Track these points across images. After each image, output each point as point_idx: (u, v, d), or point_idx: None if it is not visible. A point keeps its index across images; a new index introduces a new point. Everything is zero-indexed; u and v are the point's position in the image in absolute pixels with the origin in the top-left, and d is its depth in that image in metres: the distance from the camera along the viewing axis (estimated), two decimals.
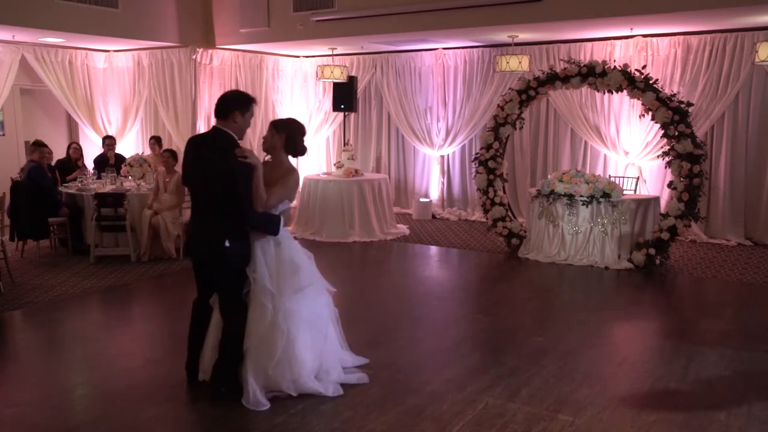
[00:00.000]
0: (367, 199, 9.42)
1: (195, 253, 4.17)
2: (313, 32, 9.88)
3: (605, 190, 7.64)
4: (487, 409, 4.01)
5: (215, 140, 4.00)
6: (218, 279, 4.06)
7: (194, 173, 4.04)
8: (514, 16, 8.43)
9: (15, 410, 4.03)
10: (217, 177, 3.90)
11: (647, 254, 7.46)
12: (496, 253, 8.52)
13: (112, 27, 9.50)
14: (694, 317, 6.01)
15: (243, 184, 3.85)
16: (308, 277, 4.12)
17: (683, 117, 7.31)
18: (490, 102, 10.46)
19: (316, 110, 12.49)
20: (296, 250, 4.17)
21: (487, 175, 8.45)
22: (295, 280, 4.04)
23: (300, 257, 4.15)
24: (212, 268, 4.05)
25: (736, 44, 8.74)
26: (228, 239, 3.92)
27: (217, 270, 4.02)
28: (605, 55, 9.44)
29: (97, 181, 8.73)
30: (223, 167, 3.87)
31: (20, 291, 6.65)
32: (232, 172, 3.83)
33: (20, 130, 10.74)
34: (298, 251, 4.18)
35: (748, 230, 9.11)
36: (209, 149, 4.00)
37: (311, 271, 4.21)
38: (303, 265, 4.12)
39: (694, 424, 3.83)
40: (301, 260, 4.15)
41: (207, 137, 4.14)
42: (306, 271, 4.13)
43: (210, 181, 3.95)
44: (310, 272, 4.19)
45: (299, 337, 4.03)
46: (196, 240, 4.13)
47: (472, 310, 6.27)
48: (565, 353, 4.94)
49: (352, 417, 3.89)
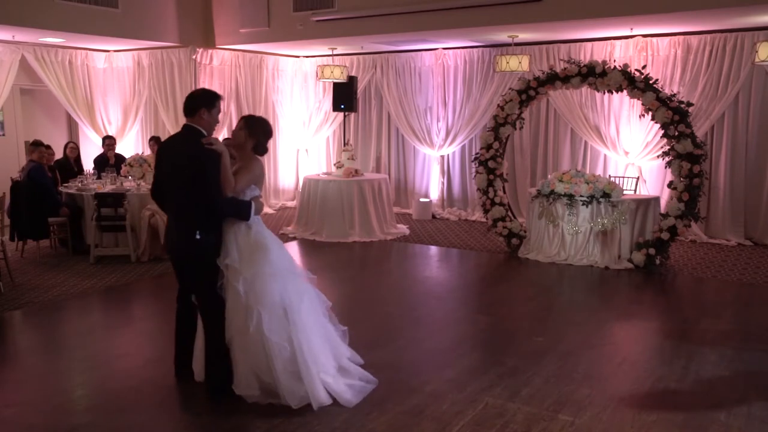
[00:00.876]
0: (367, 199, 9.42)
1: (169, 248, 4.29)
2: (313, 32, 9.88)
3: (605, 190, 7.65)
4: (487, 409, 4.01)
5: (185, 136, 4.13)
6: (191, 272, 4.13)
7: (165, 170, 4.19)
8: (514, 16, 8.43)
9: (15, 410, 4.03)
10: (185, 167, 4.00)
11: (647, 254, 7.46)
12: (496, 253, 8.52)
13: (112, 27, 9.51)
14: (694, 317, 6.01)
15: (211, 171, 3.96)
16: (278, 259, 4.10)
17: (683, 117, 7.31)
18: (490, 102, 10.46)
19: (316, 110, 12.50)
20: (266, 235, 4.16)
21: (487, 175, 8.45)
22: (266, 263, 4.02)
23: (270, 241, 4.14)
24: (185, 261, 4.14)
25: (736, 44, 8.74)
26: (199, 231, 3.98)
27: (189, 263, 4.10)
28: (605, 55, 9.44)
29: (97, 181, 8.72)
30: (191, 156, 3.98)
31: (20, 291, 6.65)
32: (199, 159, 3.94)
33: (20, 130, 10.75)
34: (268, 236, 4.17)
35: (748, 230, 9.11)
36: (179, 144, 4.16)
37: (282, 255, 4.18)
38: (273, 249, 4.10)
39: (694, 424, 3.83)
40: (272, 244, 4.13)
41: (177, 135, 4.28)
42: (276, 253, 4.11)
43: (179, 172, 4.04)
44: (281, 256, 4.16)
45: (270, 320, 3.96)
46: (169, 234, 4.25)
47: (472, 310, 6.27)
48: (565, 353, 4.94)
49: (352, 417, 3.89)
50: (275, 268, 4.05)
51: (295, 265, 4.29)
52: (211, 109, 4.12)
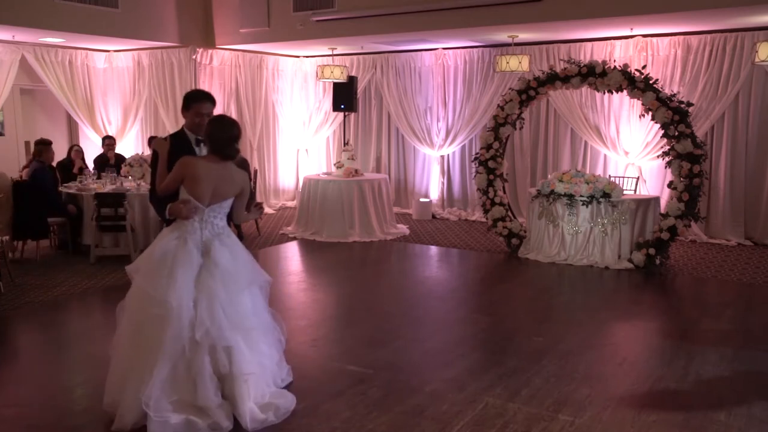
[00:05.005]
0: (367, 199, 9.42)
1: None
2: (313, 32, 9.88)
3: (605, 190, 7.65)
4: (487, 409, 4.01)
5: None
6: None
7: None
8: (514, 16, 8.43)
9: (15, 410, 4.03)
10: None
11: (647, 254, 7.46)
12: (496, 253, 8.52)
13: (112, 27, 9.51)
14: (694, 317, 6.01)
15: (152, 171, 4.12)
16: (153, 281, 3.76)
17: (683, 117, 7.31)
18: (490, 102, 10.46)
19: (316, 110, 12.50)
20: (165, 238, 3.89)
21: (487, 175, 8.45)
22: (146, 279, 3.82)
23: (164, 244, 3.85)
24: None
25: (736, 44, 8.74)
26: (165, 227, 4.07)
27: None
28: (605, 55, 9.44)
29: (97, 181, 8.72)
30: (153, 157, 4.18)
31: (20, 291, 6.64)
32: (154, 160, 4.11)
33: (20, 130, 10.75)
34: (166, 239, 3.88)
35: (748, 230, 9.11)
36: None
37: (161, 257, 3.83)
38: (156, 251, 3.84)
39: (694, 424, 3.83)
40: (159, 247, 3.86)
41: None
42: (156, 254, 3.84)
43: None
44: (159, 257, 3.83)
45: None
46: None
47: (472, 310, 6.27)
48: (565, 353, 4.94)
49: (352, 417, 3.89)
50: (146, 290, 3.78)
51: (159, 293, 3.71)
52: (187, 110, 4.20)
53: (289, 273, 7.76)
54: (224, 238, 3.94)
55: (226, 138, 3.87)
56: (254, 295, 4.01)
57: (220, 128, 3.89)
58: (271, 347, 4.11)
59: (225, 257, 3.85)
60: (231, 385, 3.74)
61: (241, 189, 3.98)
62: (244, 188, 4.00)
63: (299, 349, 5.04)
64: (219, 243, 3.88)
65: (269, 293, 4.19)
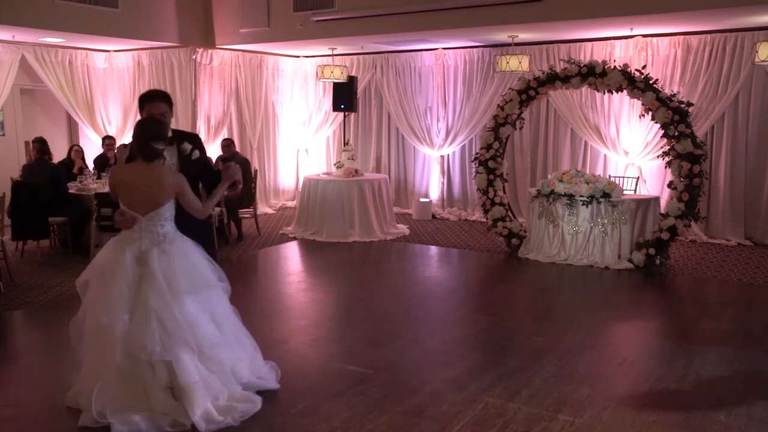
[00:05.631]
0: (367, 199, 9.42)
1: None
2: (313, 32, 9.88)
3: (605, 190, 7.65)
4: (487, 409, 4.01)
5: None
6: None
7: None
8: (514, 16, 8.43)
9: (15, 410, 4.03)
10: None
11: (647, 254, 7.45)
12: (496, 253, 8.52)
13: (112, 27, 9.50)
14: (694, 317, 6.01)
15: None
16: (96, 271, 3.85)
17: (683, 117, 7.31)
18: (490, 102, 10.46)
19: (316, 110, 12.50)
20: (105, 249, 3.93)
21: (487, 175, 8.45)
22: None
23: (103, 255, 3.90)
24: None
25: (736, 44, 8.73)
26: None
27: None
28: (605, 55, 9.44)
29: (97, 181, 8.72)
30: None
31: (20, 291, 6.65)
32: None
33: (20, 130, 10.75)
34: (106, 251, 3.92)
35: (748, 230, 9.11)
36: None
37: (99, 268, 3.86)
38: (95, 263, 3.89)
39: (694, 424, 3.83)
40: (98, 258, 3.92)
41: None
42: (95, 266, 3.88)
43: None
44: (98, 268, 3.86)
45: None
46: None
47: (472, 310, 6.27)
48: (565, 353, 4.94)
49: (352, 417, 3.89)
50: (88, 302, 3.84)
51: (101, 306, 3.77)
52: (140, 112, 4.13)
53: (289, 273, 7.76)
54: (166, 245, 3.82)
55: (143, 137, 3.80)
56: (205, 300, 3.89)
57: (139, 128, 3.85)
58: (233, 347, 4.00)
59: (162, 265, 3.76)
60: (179, 394, 3.74)
61: (176, 193, 3.86)
62: (180, 190, 3.86)
63: (299, 349, 5.04)
64: (158, 251, 3.79)
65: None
